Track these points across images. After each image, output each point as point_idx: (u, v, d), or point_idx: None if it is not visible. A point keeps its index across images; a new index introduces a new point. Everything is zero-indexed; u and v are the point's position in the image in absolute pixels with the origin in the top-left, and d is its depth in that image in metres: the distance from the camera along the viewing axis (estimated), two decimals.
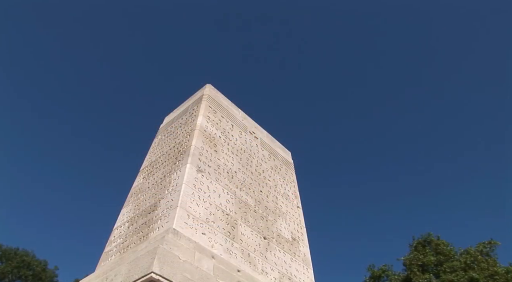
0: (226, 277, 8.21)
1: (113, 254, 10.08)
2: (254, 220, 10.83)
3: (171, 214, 9.07)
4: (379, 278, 25.89)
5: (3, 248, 30.56)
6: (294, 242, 11.74)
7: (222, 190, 10.54)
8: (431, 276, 22.69)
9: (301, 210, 13.10)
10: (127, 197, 11.94)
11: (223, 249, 9.26)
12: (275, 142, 14.79)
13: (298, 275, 10.95)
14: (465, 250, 23.75)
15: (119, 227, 10.93)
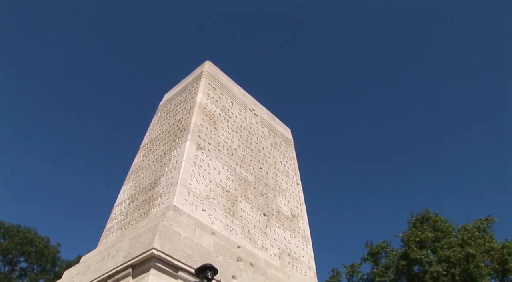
0: (226, 253, 8.31)
1: (115, 231, 10.18)
2: (254, 197, 10.89)
3: (172, 191, 9.12)
4: (377, 254, 26.21)
5: (5, 225, 30.85)
6: (294, 218, 11.84)
7: (222, 167, 10.57)
8: (428, 252, 22.96)
9: (300, 187, 13.17)
10: (127, 174, 11.98)
11: (223, 226, 9.35)
12: (275, 119, 14.76)
13: (298, 250, 11.08)
14: (463, 227, 23.97)
15: (120, 204, 11.00)
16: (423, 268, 22.66)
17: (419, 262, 22.71)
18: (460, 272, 20.88)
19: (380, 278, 24.80)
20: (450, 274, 21.16)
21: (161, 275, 6.91)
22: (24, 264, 31.97)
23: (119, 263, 7.31)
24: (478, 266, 20.51)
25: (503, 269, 22.08)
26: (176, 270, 7.08)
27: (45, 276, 30.32)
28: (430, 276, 21.68)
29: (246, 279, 7.99)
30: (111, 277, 7.34)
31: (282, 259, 10.33)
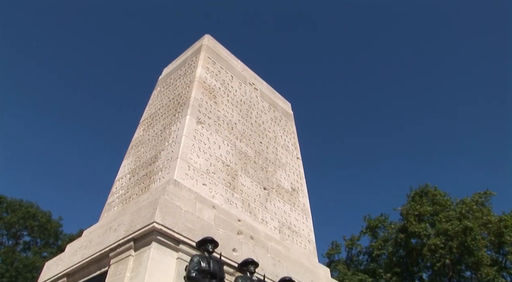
0: (226, 226, 8.39)
1: (116, 205, 10.25)
2: (254, 171, 10.93)
3: (172, 165, 9.14)
4: (375, 228, 26.53)
5: (8, 200, 31.12)
6: (294, 192, 11.91)
7: (222, 141, 10.57)
8: (426, 226, 23.25)
9: (300, 161, 13.20)
10: (127, 149, 11.99)
11: (224, 200, 9.41)
12: (275, 93, 14.67)
13: (298, 224, 11.19)
14: (461, 200, 24.20)
15: (121, 178, 11.04)
16: (421, 241, 23.00)
17: (417, 235, 23.03)
18: (457, 244, 21.19)
19: (379, 251, 25.19)
20: (448, 246, 21.48)
21: (162, 248, 6.98)
22: (28, 238, 32.44)
23: (121, 236, 7.38)
24: (475, 239, 20.81)
25: (499, 242, 22.43)
26: (177, 243, 7.16)
27: (49, 250, 30.77)
28: (428, 249, 22.01)
29: (247, 252, 8.08)
30: (113, 250, 7.42)
31: (282, 232, 10.44)
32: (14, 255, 29.43)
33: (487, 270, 20.82)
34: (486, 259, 21.00)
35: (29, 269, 27.70)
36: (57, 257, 9.37)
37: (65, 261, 8.71)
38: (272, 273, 8.29)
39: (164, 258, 6.92)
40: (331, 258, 27.43)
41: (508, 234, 21.98)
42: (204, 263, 6.81)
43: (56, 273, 8.70)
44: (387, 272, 23.94)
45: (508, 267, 23.30)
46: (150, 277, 6.56)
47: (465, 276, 23.69)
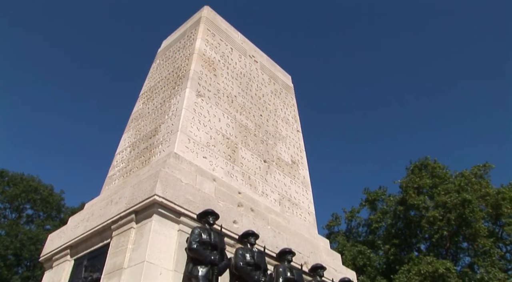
0: (227, 198, 8.45)
1: (117, 178, 10.29)
2: (254, 144, 10.93)
3: (172, 138, 9.14)
4: (374, 201, 26.77)
5: (9, 174, 31.27)
6: (294, 165, 11.94)
7: (222, 114, 10.53)
8: (425, 198, 23.44)
9: (300, 134, 13.19)
10: (127, 122, 11.96)
11: (224, 172, 9.44)
12: (275, 66, 14.53)
13: (298, 196, 11.27)
14: (460, 173, 24.32)
15: (121, 152, 11.06)
16: (420, 213, 23.23)
17: (416, 208, 23.26)
18: (455, 216, 21.42)
19: (377, 224, 25.49)
20: (446, 218, 21.72)
21: (163, 220, 7.05)
22: (30, 211, 32.74)
23: (122, 209, 7.44)
24: (473, 211, 21.03)
25: (497, 213, 22.71)
26: (178, 215, 7.22)
27: (51, 223, 31.12)
28: (426, 221, 22.27)
29: (247, 224, 8.16)
30: (115, 223, 7.49)
31: (282, 205, 10.52)
32: (17, 228, 29.79)
33: (484, 241, 21.12)
34: (483, 230, 21.27)
35: (33, 242, 28.09)
36: (60, 230, 9.48)
37: (68, 234, 8.81)
38: (272, 244, 8.40)
39: (165, 230, 6.99)
40: (331, 230, 27.78)
41: (505, 206, 22.20)
42: (205, 235, 6.89)
43: (59, 245, 8.81)
44: (386, 244, 24.29)
45: (504, 238, 23.65)
46: (152, 248, 6.65)
47: (462, 247, 24.07)
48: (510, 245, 23.75)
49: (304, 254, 9.07)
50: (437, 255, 22.28)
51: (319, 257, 9.44)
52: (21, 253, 27.97)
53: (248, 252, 7.40)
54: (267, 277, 7.44)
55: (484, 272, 20.39)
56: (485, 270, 20.50)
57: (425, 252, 22.97)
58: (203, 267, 6.54)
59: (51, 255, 9.00)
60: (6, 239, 27.98)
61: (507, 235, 23.25)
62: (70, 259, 8.45)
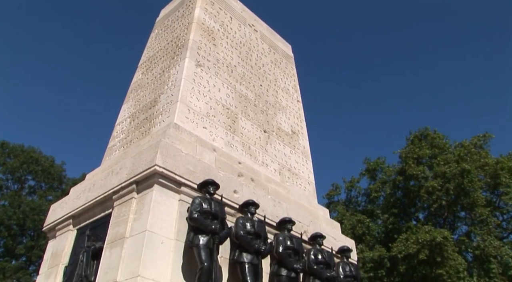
0: (227, 168, 8.48)
1: (117, 149, 10.31)
2: (254, 114, 10.89)
3: (172, 109, 9.10)
4: (374, 171, 26.90)
5: (10, 146, 31.29)
6: (294, 135, 11.94)
7: (222, 84, 10.45)
8: (424, 168, 23.55)
9: (301, 104, 13.12)
10: (127, 92, 11.89)
11: (224, 142, 9.45)
12: (275, 35, 14.32)
13: (298, 166, 11.31)
14: (460, 143, 24.35)
15: (121, 123, 11.03)
16: (419, 183, 23.38)
17: (415, 178, 23.40)
18: (454, 186, 21.58)
19: (376, 194, 25.70)
20: (445, 188, 21.89)
21: (164, 190, 7.11)
22: (32, 182, 32.94)
23: (123, 179, 7.48)
24: (471, 181, 21.16)
25: (495, 183, 22.87)
26: (179, 185, 7.27)
27: (53, 193, 31.37)
28: (425, 191, 22.44)
29: (247, 193, 8.22)
30: (116, 193, 7.55)
31: (282, 175, 10.58)
32: (20, 198, 30.05)
33: (481, 210, 21.36)
34: (481, 200, 21.47)
35: (36, 212, 28.40)
36: (62, 200, 9.56)
37: (70, 204, 8.90)
38: (272, 213, 8.49)
39: (166, 200, 7.06)
40: (331, 200, 28.03)
41: (504, 176, 22.34)
42: (206, 205, 6.95)
43: (62, 215, 8.91)
44: (385, 213, 24.56)
45: (501, 207, 23.92)
46: (153, 218, 6.72)
47: (460, 216, 24.35)
48: (507, 213, 24.05)
49: (304, 223, 9.18)
50: (435, 224, 22.57)
51: (318, 226, 9.55)
52: (25, 224, 28.33)
53: (249, 221, 7.48)
54: (267, 246, 7.55)
55: (480, 240, 20.72)
56: (481, 238, 20.83)
57: (423, 221, 23.25)
58: (204, 236, 6.63)
59: (54, 225, 9.12)
60: (9, 210, 28.29)
61: (504, 204, 23.50)
62: (73, 229, 8.57)
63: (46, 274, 8.52)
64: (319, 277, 8.09)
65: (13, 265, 27.32)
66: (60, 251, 8.45)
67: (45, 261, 8.91)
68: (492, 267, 19.71)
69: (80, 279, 7.21)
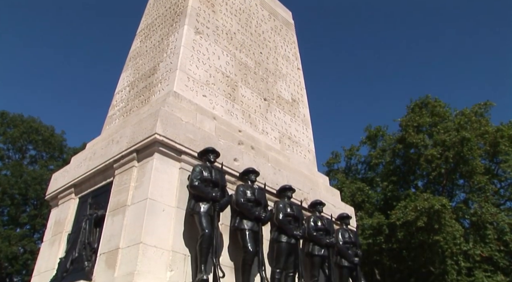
0: (227, 137, 8.48)
1: (117, 118, 10.29)
2: (254, 82, 10.81)
3: (171, 77, 9.02)
4: (375, 138, 26.92)
5: (9, 116, 31.19)
6: (294, 103, 11.88)
7: (221, 51, 10.32)
8: (424, 137, 23.56)
9: (301, 72, 12.99)
10: (125, 61, 11.76)
11: (224, 111, 9.41)
12: (275, 1, 14.02)
13: (298, 134, 11.31)
14: (460, 111, 24.28)
15: (120, 91, 10.97)
16: (419, 151, 23.45)
17: (415, 146, 23.45)
18: (453, 154, 21.65)
19: (377, 160, 25.81)
20: (444, 156, 21.97)
21: (164, 158, 7.13)
22: (33, 151, 33.02)
23: (124, 148, 7.50)
24: (471, 149, 21.20)
25: (494, 151, 22.93)
26: (179, 154, 7.29)
27: (54, 163, 31.48)
28: (424, 159, 22.53)
29: (248, 161, 8.25)
30: (117, 162, 7.58)
31: (282, 143, 10.59)
32: (22, 168, 30.18)
33: (480, 178, 21.50)
34: (479, 168, 21.58)
35: (38, 181, 28.59)
36: (63, 169, 9.61)
37: (71, 173, 8.95)
38: (272, 181, 8.55)
39: (167, 168, 7.10)
40: (331, 168, 28.18)
41: (503, 144, 22.38)
42: (206, 173, 6.99)
43: (63, 184, 8.97)
44: (384, 181, 24.75)
45: (499, 175, 24.08)
46: (154, 186, 6.78)
47: (458, 184, 24.55)
48: (505, 181, 24.22)
49: (304, 190, 9.25)
50: (434, 192, 22.76)
51: (318, 193, 9.64)
52: (27, 193, 28.57)
53: (249, 189, 7.54)
54: (268, 213, 7.64)
55: (478, 207, 20.95)
56: (478, 205, 21.06)
57: (422, 189, 23.45)
58: (205, 204, 6.70)
59: (56, 193, 9.20)
60: (11, 179, 28.48)
61: (502, 171, 23.64)
62: (75, 197, 8.64)
63: (50, 241, 8.66)
64: (318, 243, 8.23)
65: (17, 233, 27.75)
66: (63, 219, 8.56)
67: (49, 229, 9.04)
68: (488, 233, 20.01)
69: (84, 246, 7.33)
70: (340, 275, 8.62)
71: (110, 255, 6.59)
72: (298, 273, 7.57)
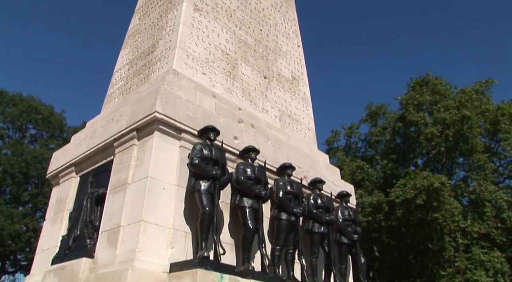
0: (227, 115, 8.46)
1: (116, 96, 10.25)
2: (254, 60, 10.72)
3: (170, 55, 8.94)
4: (376, 115, 26.87)
5: (9, 95, 31.04)
6: (294, 81, 11.81)
7: (221, 29, 10.21)
8: (425, 115, 23.51)
9: (301, 49, 12.87)
10: (124, 39, 11.65)
11: (224, 89, 9.36)
12: None
13: (298, 112, 11.28)
14: (461, 90, 24.15)
15: (119, 70, 10.89)
16: (419, 130, 23.44)
17: (415, 124, 23.43)
18: (453, 133, 21.65)
19: (377, 138, 25.82)
20: (444, 135, 21.97)
21: (164, 137, 7.13)
22: (33, 131, 32.99)
23: (124, 126, 7.49)
24: (471, 127, 21.19)
25: (495, 129, 22.93)
26: (179, 132, 7.28)
27: (55, 142, 31.50)
28: (424, 137, 22.55)
29: (248, 139, 8.25)
30: (117, 140, 7.58)
31: (283, 121, 10.57)
32: (22, 147, 30.20)
33: (479, 156, 21.55)
34: (479, 146, 21.61)
35: (39, 160, 28.65)
36: (64, 148, 9.62)
37: (72, 152, 8.96)
38: (272, 159, 8.56)
39: (167, 147, 7.10)
40: (330, 146, 28.22)
41: (503, 122, 22.36)
42: (207, 151, 7.00)
43: (64, 162, 8.99)
44: (384, 159, 24.81)
45: (499, 153, 24.13)
46: (154, 164, 6.79)
47: (458, 162, 24.62)
48: (504, 159, 24.28)
49: (304, 168, 9.28)
50: (433, 170, 22.84)
51: (318, 171, 9.67)
52: (28, 172, 28.66)
53: (249, 167, 7.56)
54: (268, 191, 7.67)
55: (477, 185, 21.06)
56: (477, 183, 21.16)
57: (422, 167, 23.52)
58: (205, 182, 6.72)
59: (57, 172, 9.23)
60: (12, 158, 28.53)
61: (502, 149, 23.67)
62: (76, 176, 8.67)
63: (52, 219, 8.73)
64: (318, 220, 8.29)
65: (20, 211, 27.96)
66: (64, 197, 8.61)
67: (50, 207, 9.10)
68: (486, 210, 20.18)
69: (85, 224, 7.40)
70: (339, 252, 8.72)
71: (112, 233, 6.65)
72: (298, 250, 7.65)
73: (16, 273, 31.72)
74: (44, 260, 8.18)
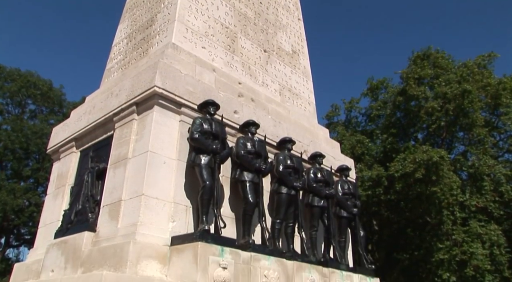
0: (227, 89, 8.42)
1: (115, 71, 10.17)
2: (254, 33, 10.59)
3: (169, 28, 8.83)
4: (377, 90, 26.71)
5: (7, 70, 30.76)
6: (295, 54, 11.70)
7: (220, 2, 10.04)
8: (426, 89, 23.34)
9: (302, 23, 12.69)
10: (122, 12, 11.48)
11: (224, 63, 9.28)
12: None
13: (298, 86, 11.22)
14: (463, 63, 23.89)
15: (118, 44, 10.77)
16: (419, 104, 23.34)
17: (416, 98, 23.30)
18: (454, 107, 21.56)
19: (377, 112, 25.73)
20: (444, 109, 21.89)
21: (164, 111, 7.11)
22: (33, 106, 32.87)
23: (123, 101, 7.46)
24: (472, 102, 21.09)
25: (495, 103, 22.83)
26: (179, 106, 7.26)
27: (54, 117, 31.43)
28: (425, 112, 22.46)
29: (248, 114, 8.23)
30: (116, 115, 7.56)
31: (283, 95, 10.52)
32: (22, 123, 30.15)
33: (479, 130, 21.52)
34: (479, 120, 21.55)
35: (39, 136, 28.65)
36: (64, 123, 9.60)
37: (71, 127, 8.95)
38: (272, 133, 8.56)
39: (167, 121, 7.09)
40: (330, 120, 28.14)
41: (505, 96, 22.24)
42: (206, 125, 6.99)
43: (64, 137, 8.99)
44: (384, 133, 24.78)
45: (499, 127, 24.10)
46: (154, 139, 6.79)
47: (458, 136, 24.60)
48: (504, 133, 24.27)
49: (304, 142, 9.29)
50: (433, 144, 22.83)
51: (318, 145, 9.68)
52: (28, 147, 28.70)
53: (249, 141, 7.56)
54: (268, 165, 7.71)
55: (476, 159, 21.10)
56: (476, 157, 21.20)
57: (422, 142, 23.51)
58: (205, 156, 6.74)
59: (57, 147, 9.25)
60: (12, 134, 28.53)
61: (502, 124, 23.63)
62: (76, 151, 8.69)
63: (53, 194, 8.80)
64: (318, 194, 8.36)
65: (22, 186, 28.14)
66: (65, 172, 8.65)
67: (52, 182, 9.15)
68: (484, 184, 20.28)
69: (87, 199, 7.46)
70: (339, 225, 8.83)
71: (113, 207, 6.71)
72: (297, 223, 7.74)
73: (20, 247, 32.22)
74: (47, 234, 8.28)
